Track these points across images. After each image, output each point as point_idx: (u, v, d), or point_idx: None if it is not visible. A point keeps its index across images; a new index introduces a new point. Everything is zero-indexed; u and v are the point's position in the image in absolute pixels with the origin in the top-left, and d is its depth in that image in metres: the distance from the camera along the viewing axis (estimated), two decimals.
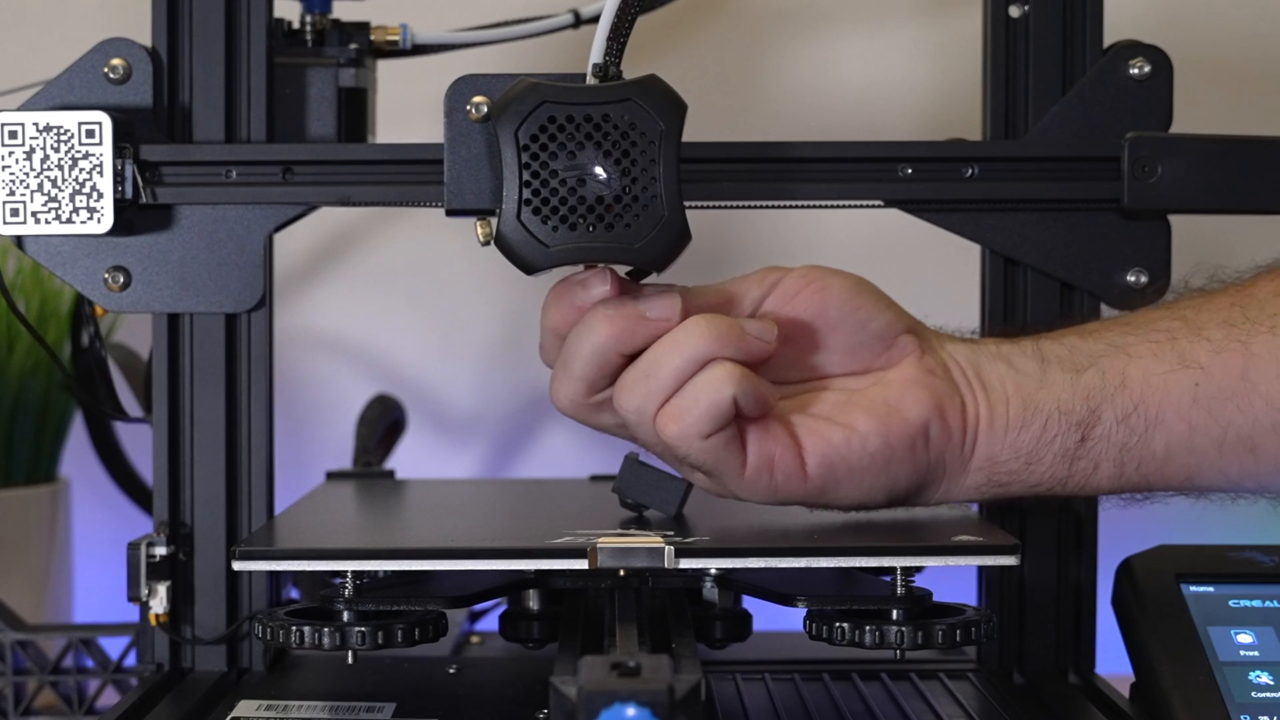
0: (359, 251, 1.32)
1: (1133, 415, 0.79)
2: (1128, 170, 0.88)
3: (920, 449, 0.79)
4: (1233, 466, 0.80)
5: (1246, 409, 0.79)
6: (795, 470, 0.78)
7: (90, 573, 1.25)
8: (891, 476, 0.79)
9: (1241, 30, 1.29)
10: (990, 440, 0.80)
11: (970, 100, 0.95)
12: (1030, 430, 0.80)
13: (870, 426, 0.79)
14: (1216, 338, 0.80)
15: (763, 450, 0.78)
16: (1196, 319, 0.81)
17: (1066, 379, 0.80)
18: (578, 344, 0.78)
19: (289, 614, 0.81)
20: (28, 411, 1.18)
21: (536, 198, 0.78)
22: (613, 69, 0.80)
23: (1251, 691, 0.81)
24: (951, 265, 1.04)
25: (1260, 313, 0.80)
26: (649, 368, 0.77)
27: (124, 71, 0.87)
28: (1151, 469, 0.80)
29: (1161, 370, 0.80)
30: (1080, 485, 0.81)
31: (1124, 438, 0.80)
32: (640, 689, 0.61)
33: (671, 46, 1.29)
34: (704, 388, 0.76)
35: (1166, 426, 0.79)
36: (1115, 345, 0.81)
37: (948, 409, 0.80)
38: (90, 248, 0.88)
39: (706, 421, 0.76)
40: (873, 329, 0.81)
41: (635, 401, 0.77)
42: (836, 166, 0.89)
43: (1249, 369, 0.79)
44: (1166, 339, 0.81)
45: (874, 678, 0.90)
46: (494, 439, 1.33)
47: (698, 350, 0.77)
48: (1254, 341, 0.79)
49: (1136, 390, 0.79)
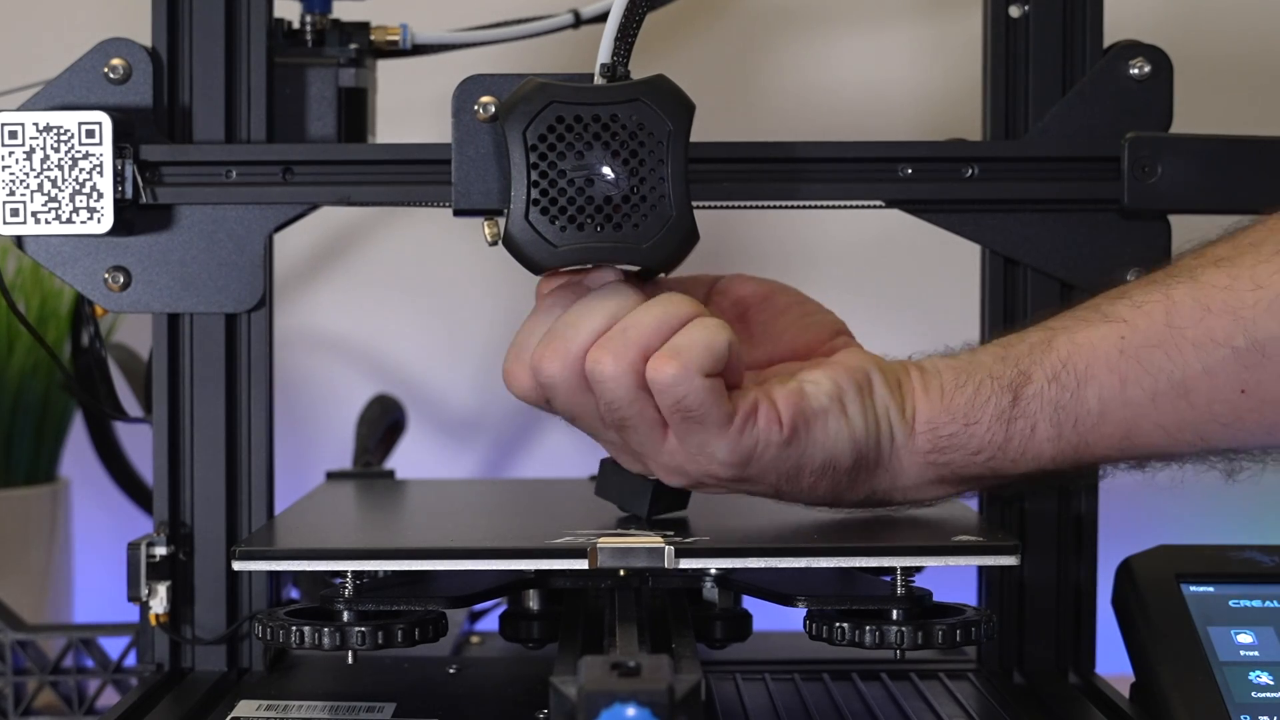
0: (359, 251, 1.32)
1: (1062, 372, 0.80)
2: (1128, 170, 0.88)
3: (867, 394, 0.81)
4: (1169, 417, 0.80)
5: (1175, 355, 0.79)
6: (774, 421, 0.78)
7: (90, 573, 1.25)
8: (850, 423, 0.80)
9: (1241, 30, 1.29)
10: (928, 403, 0.81)
11: (970, 100, 0.95)
12: (964, 392, 0.81)
13: (819, 374, 0.81)
14: (1137, 295, 0.81)
15: (744, 404, 0.78)
16: (1120, 290, 0.83)
17: (995, 353, 0.82)
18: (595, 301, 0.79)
19: (289, 614, 0.81)
20: (28, 411, 1.18)
21: (544, 198, 0.78)
22: (620, 69, 0.80)
23: (1251, 691, 0.82)
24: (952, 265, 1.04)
25: (1179, 268, 0.81)
26: (627, 324, 0.77)
27: (124, 71, 0.87)
28: (1088, 426, 0.81)
29: (1085, 329, 0.81)
30: (1021, 450, 0.81)
31: (1056, 395, 0.80)
32: (640, 689, 0.61)
33: (672, 46, 1.29)
34: (700, 331, 0.77)
35: (1098, 380, 0.80)
36: (1041, 325, 0.83)
37: (885, 370, 0.82)
38: (90, 248, 0.88)
39: (707, 357, 0.76)
40: (816, 317, 0.86)
41: (614, 353, 0.77)
42: (837, 167, 0.89)
43: (1173, 316, 0.80)
44: (1090, 308, 0.83)
45: (874, 678, 0.90)
46: (494, 439, 1.33)
47: (680, 309, 0.78)
48: (1174, 291, 0.80)
49: (1063, 350, 0.81)
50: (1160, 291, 0.81)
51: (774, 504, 0.82)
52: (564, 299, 0.80)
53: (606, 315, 0.78)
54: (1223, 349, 0.79)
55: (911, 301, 0.83)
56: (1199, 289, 0.80)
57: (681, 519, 0.84)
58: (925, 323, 0.87)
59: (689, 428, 0.78)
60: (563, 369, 0.78)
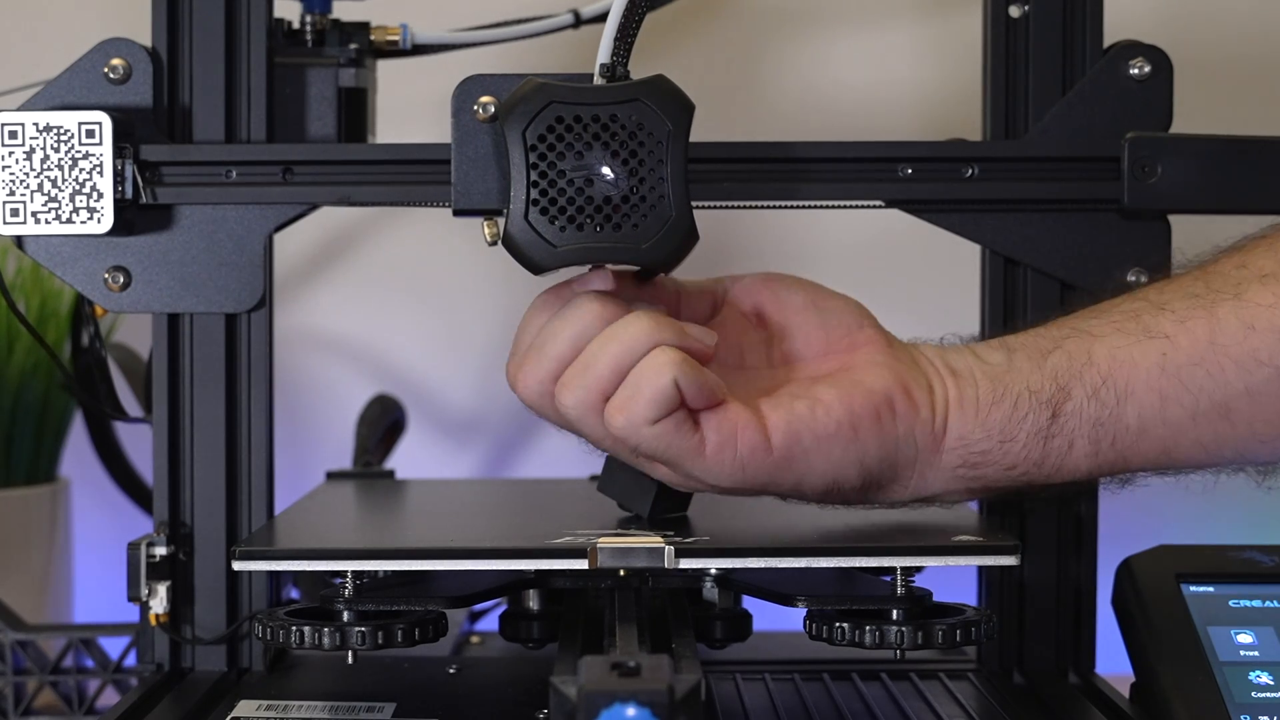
0: (359, 251, 1.32)
1: (1102, 389, 0.79)
2: (1128, 170, 0.88)
3: (886, 420, 0.79)
4: (1208, 435, 0.79)
5: (1217, 374, 0.78)
6: (760, 444, 0.77)
7: (90, 573, 1.25)
8: (860, 449, 0.78)
9: (1241, 30, 1.29)
10: (961, 419, 0.80)
11: (970, 100, 0.95)
12: (1001, 408, 0.79)
13: (833, 396, 0.78)
14: (1180, 309, 0.80)
15: (722, 428, 0.77)
16: (1159, 298, 0.81)
17: (1032, 363, 0.80)
18: (561, 323, 0.78)
19: (289, 614, 0.81)
20: (28, 411, 1.18)
21: (544, 198, 0.78)
22: (620, 69, 0.80)
23: (1251, 691, 0.82)
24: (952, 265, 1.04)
25: (1223, 283, 0.80)
26: (587, 359, 0.77)
27: (124, 71, 0.87)
28: (1126, 443, 0.80)
29: (1127, 344, 0.80)
30: (1057, 466, 0.80)
31: (1095, 412, 0.79)
32: (640, 689, 0.61)
33: (672, 47, 1.29)
34: (645, 374, 0.76)
35: (1137, 398, 0.79)
36: (1078, 329, 0.81)
37: (912, 386, 0.80)
38: (90, 248, 0.88)
39: (651, 407, 0.75)
40: (836, 314, 0.83)
41: (575, 395, 0.77)
42: (837, 167, 0.89)
43: (1216, 334, 0.78)
44: (1130, 317, 0.81)
45: (874, 678, 0.90)
46: (494, 439, 1.33)
47: (636, 340, 0.76)
48: (1219, 308, 0.79)
49: (1104, 365, 0.79)
50: (1204, 309, 0.79)
51: (774, 504, 0.82)
52: (552, 304, 0.80)
53: (572, 341, 0.77)
54: (1266, 369, 0.78)
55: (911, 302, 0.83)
56: (1243, 307, 0.78)
57: (682, 519, 0.84)
58: (925, 323, 0.87)
59: (662, 459, 0.78)
60: (538, 396, 0.78)
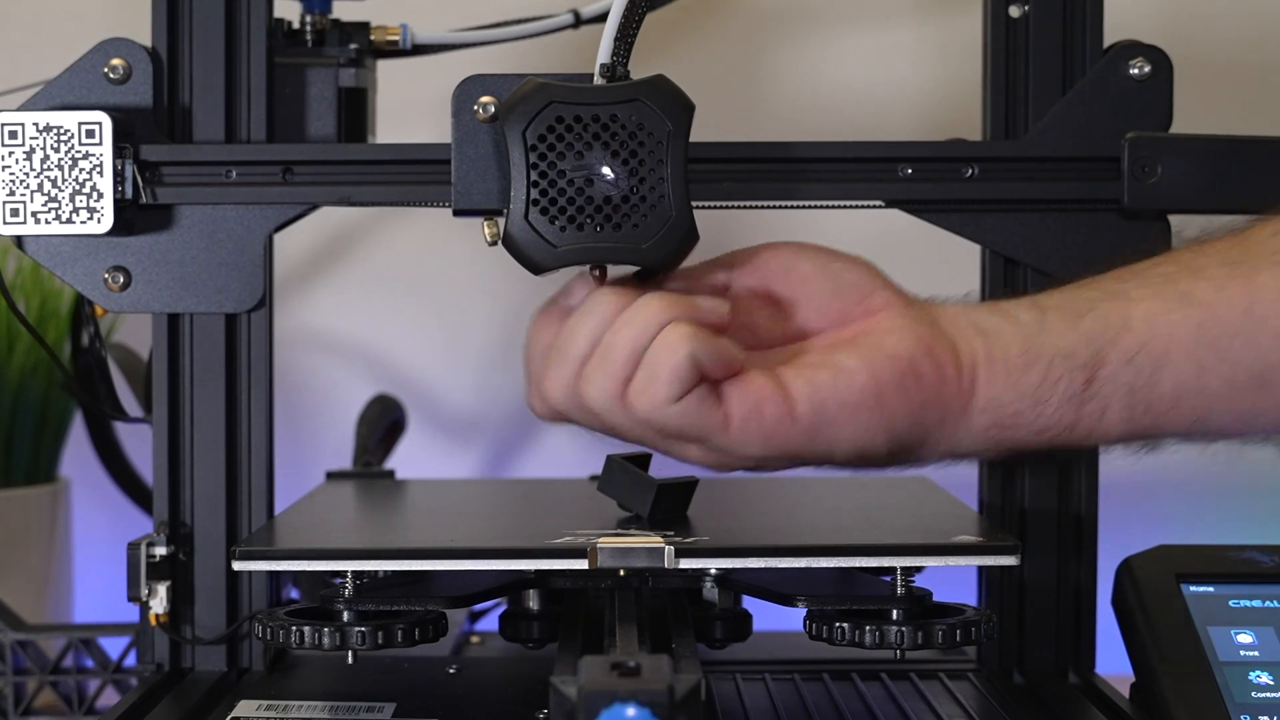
0: (359, 251, 1.32)
1: (1139, 355, 0.78)
2: (1128, 170, 0.88)
3: (911, 385, 0.77)
4: (1244, 405, 0.78)
5: (1255, 345, 0.77)
6: (784, 414, 0.76)
7: (90, 573, 1.25)
8: (886, 414, 0.77)
9: (1241, 30, 1.29)
10: (992, 380, 0.78)
11: (970, 100, 0.95)
12: (1034, 371, 0.78)
13: (856, 363, 0.77)
14: (1218, 275, 0.78)
15: (745, 399, 0.76)
16: (1195, 262, 0.80)
17: (1067, 324, 0.79)
18: (577, 322, 0.78)
19: (289, 614, 0.81)
20: (28, 411, 1.18)
21: (544, 198, 0.78)
22: (620, 69, 0.80)
23: (1251, 691, 0.82)
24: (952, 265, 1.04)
25: (1261, 249, 0.79)
26: (605, 350, 0.76)
27: (124, 71, 0.87)
28: (1161, 411, 0.78)
29: (1164, 310, 0.78)
30: (1089, 430, 0.79)
31: (1131, 378, 0.78)
32: (640, 689, 0.61)
33: (672, 47, 1.29)
34: (660, 352, 0.75)
35: (1175, 366, 0.78)
36: (1113, 292, 0.80)
37: (936, 348, 0.78)
38: (90, 248, 0.88)
39: (671, 385, 0.75)
40: (848, 279, 0.81)
41: (597, 387, 0.76)
42: (837, 167, 0.89)
43: (1254, 304, 0.77)
44: (1166, 282, 0.79)
45: (874, 678, 0.90)
46: (494, 439, 1.33)
47: (649, 321, 0.76)
48: (1258, 277, 0.78)
49: (1141, 331, 0.78)
50: (1243, 276, 0.78)
51: (774, 503, 0.82)
52: (551, 319, 0.80)
53: (590, 336, 0.77)
54: None
55: None
56: None
57: (682, 519, 0.84)
58: None
59: (691, 437, 0.77)
60: (566, 399, 0.78)
